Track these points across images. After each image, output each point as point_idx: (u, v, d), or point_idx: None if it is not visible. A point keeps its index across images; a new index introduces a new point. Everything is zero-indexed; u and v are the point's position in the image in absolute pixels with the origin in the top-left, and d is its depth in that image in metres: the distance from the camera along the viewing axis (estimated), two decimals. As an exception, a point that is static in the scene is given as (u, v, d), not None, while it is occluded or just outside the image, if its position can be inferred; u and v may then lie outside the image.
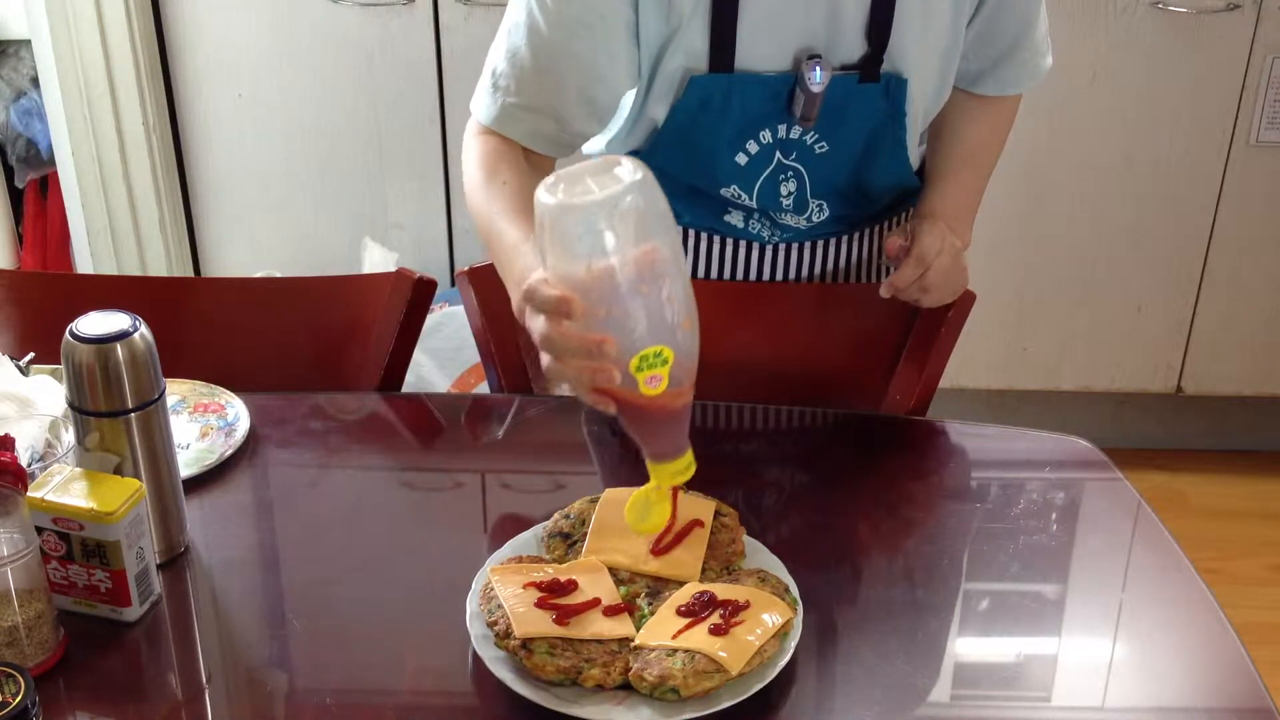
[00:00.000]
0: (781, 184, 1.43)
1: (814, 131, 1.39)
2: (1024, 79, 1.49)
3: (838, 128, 1.39)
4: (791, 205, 1.45)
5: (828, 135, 1.39)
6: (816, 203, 1.45)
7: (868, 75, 1.35)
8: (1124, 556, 1.22)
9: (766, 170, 1.41)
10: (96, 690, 1.05)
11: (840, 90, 1.35)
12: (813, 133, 1.39)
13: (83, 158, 2.62)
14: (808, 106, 1.34)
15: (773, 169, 1.41)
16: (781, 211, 1.46)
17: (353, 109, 2.58)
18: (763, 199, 1.44)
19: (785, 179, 1.42)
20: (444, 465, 1.38)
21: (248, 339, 1.55)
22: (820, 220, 1.47)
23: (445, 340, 2.45)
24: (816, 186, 1.44)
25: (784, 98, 1.35)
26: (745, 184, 1.43)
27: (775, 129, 1.38)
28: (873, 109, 1.38)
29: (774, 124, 1.38)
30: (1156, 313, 2.65)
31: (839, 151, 1.41)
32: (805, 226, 1.48)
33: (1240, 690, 1.05)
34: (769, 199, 1.44)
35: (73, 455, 1.13)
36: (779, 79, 1.34)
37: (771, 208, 1.45)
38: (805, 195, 1.44)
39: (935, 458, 1.40)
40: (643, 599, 1.09)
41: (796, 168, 1.42)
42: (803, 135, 1.39)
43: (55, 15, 2.49)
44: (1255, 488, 2.75)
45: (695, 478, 1.20)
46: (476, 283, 1.51)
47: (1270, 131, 2.47)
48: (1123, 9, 2.40)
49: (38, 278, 2.10)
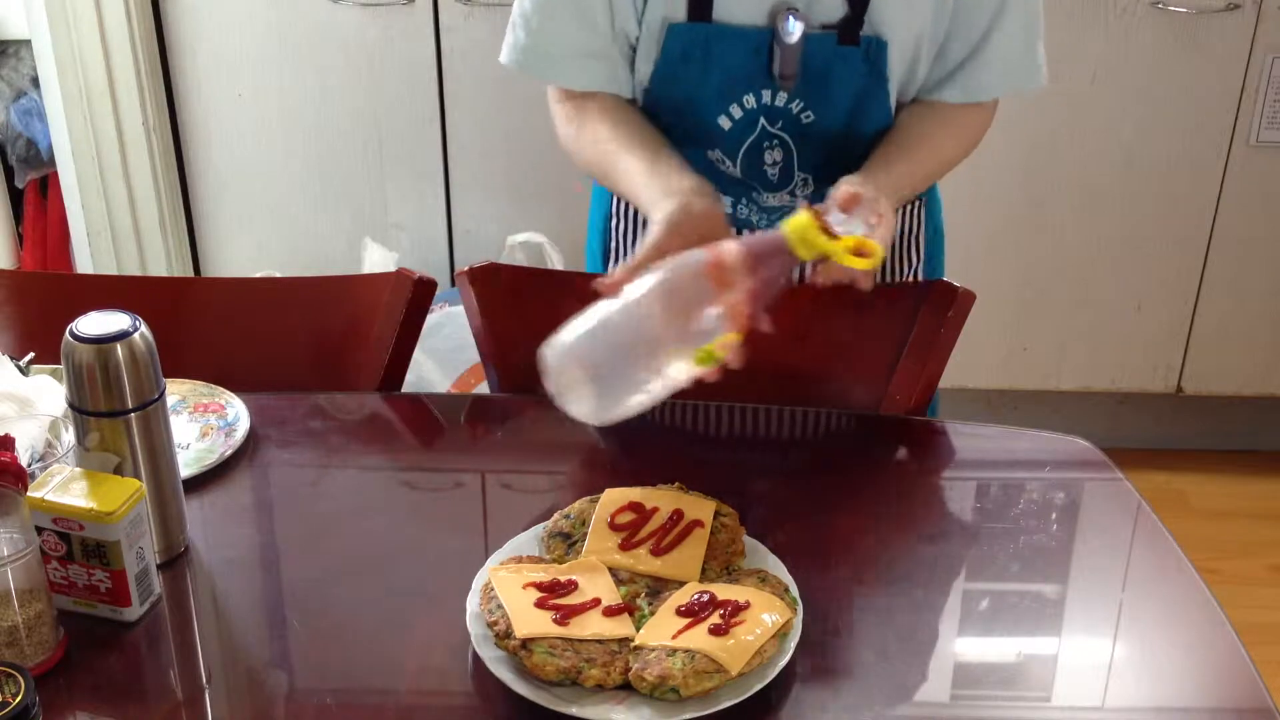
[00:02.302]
0: (766, 152, 1.43)
1: (798, 99, 1.39)
2: (994, 84, 1.42)
3: (821, 93, 1.39)
4: (776, 177, 1.45)
5: (813, 103, 1.40)
6: (802, 175, 1.45)
7: (847, 37, 1.35)
8: (1124, 556, 1.22)
9: (751, 137, 1.42)
10: (96, 690, 1.05)
11: (821, 53, 1.36)
12: (797, 100, 1.39)
13: (83, 158, 2.62)
14: (785, 63, 1.35)
15: (757, 136, 1.42)
16: (766, 188, 1.46)
17: (353, 109, 2.58)
18: (747, 167, 1.44)
19: (770, 147, 1.43)
20: (444, 465, 1.38)
21: (248, 339, 1.55)
22: (805, 195, 1.48)
23: (445, 340, 2.45)
24: (804, 157, 1.44)
25: (764, 56, 1.36)
26: (729, 149, 1.43)
27: (759, 93, 1.39)
28: (854, 73, 1.38)
29: (757, 87, 1.39)
30: (1156, 313, 2.65)
31: (825, 120, 1.41)
32: (791, 205, 1.48)
33: (1240, 690, 1.05)
34: (753, 168, 1.44)
35: (73, 455, 1.13)
36: (757, 33, 1.36)
37: (756, 179, 1.46)
38: (792, 167, 1.44)
39: (935, 458, 1.40)
40: (643, 599, 1.09)
41: (782, 137, 1.42)
42: (788, 103, 1.39)
43: (55, 15, 2.49)
44: (1255, 488, 2.75)
45: (695, 478, 1.21)
46: (476, 283, 1.51)
47: (1270, 131, 2.47)
48: (1123, 9, 2.40)
49: (38, 278, 2.10)
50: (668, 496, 1.17)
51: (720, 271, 1.11)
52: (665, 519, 1.15)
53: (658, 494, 1.18)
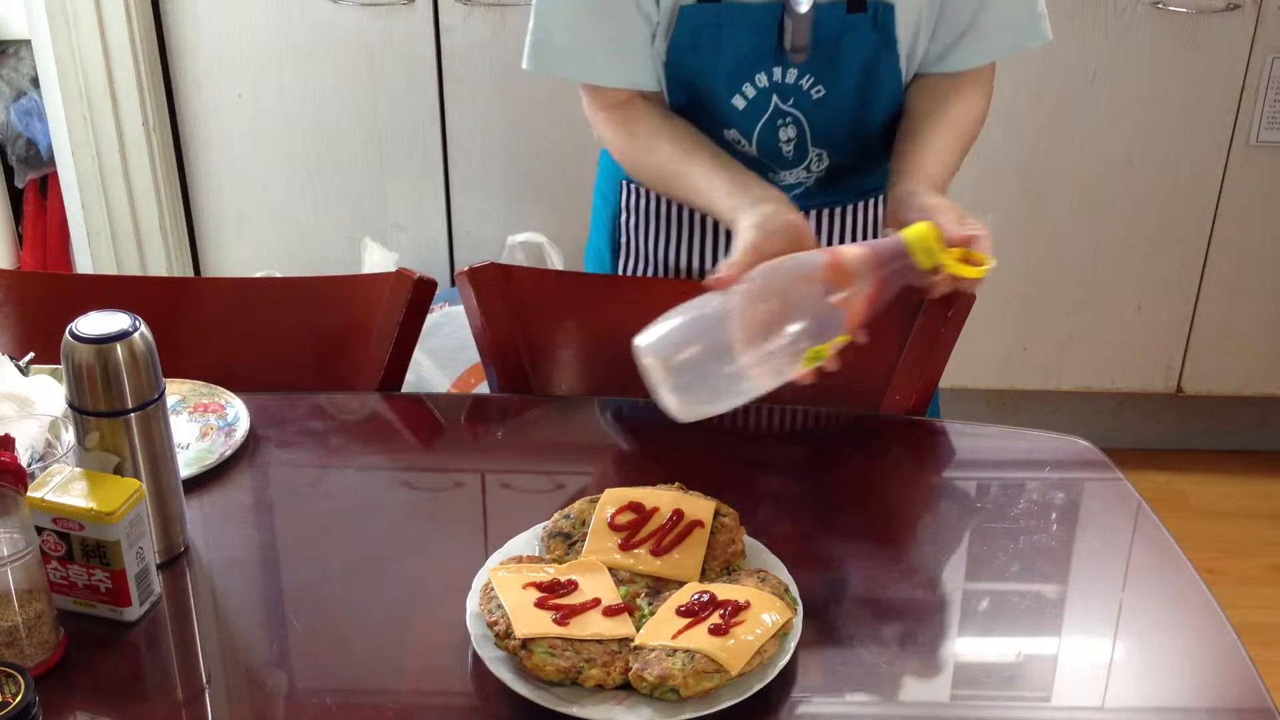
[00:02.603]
0: (780, 129, 1.44)
1: (809, 74, 1.40)
2: (1000, 45, 1.44)
3: (832, 66, 1.40)
4: (792, 153, 1.47)
5: (823, 77, 1.41)
6: (816, 151, 1.47)
7: (855, 4, 1.37)
8: (1124, 556, 1.22)
9: (764, 115, 1.43)
10: (96, 690, 1.05)
11: (829, 22, 1.37)
12: (808, 75, 1.40)
13: (83, 158, 2.62)
14: (797, 35, 1.36)
15: (771, 114, 1.43)
16: (782, 166, 1.47)
17: (353, 109, 2.58)
18: (763, 145, 1.46)
19: (784, 124, 1.44)
20: (444, 465, 1.38)
21: (248, 339, 1.55)
22: (820, 171, 1.49)
23: (445, 340, 2.45)
24: (817, 133, 1.45)
25: (775, 33, 1.37)
26: (745, 128, 1.45)
27: (770, 71, 1.40)
28: (863, 41, 1.39)
29: (769, 65, 1.40)
30: (1156, 313, 2.65)
31: (836, 94, 1.42)
32: (807, 182, 1.50)
33: (1240, 690, 1.05)
34: (769, 146, 1.46)
35: (73, 455, 1.13)
36: (767, 9, 1.37)
37: (772, 157, 1.47)
38: (805, 143, 1.46)
39: (935, 458, 1.40)
40: (643, 599, 1.09)
41: (795, 114, 1.43)
42: (799, 79, 1.40)
43: (55, 15, 2.49)
44: (1255, 488, 2.75)
45: (695, 478, 1.21)
46: (476, 283, 1.51)
47: (1270, 131, 2.47)
48: (1123, 9, 2.40)
49: (38, 278, 2.10)
50: (668, 496, 1.17)
51: (840, 273, 1.12)
52: (665, 519, 1.15)
53: (658, 494, 1.18)
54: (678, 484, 1.19)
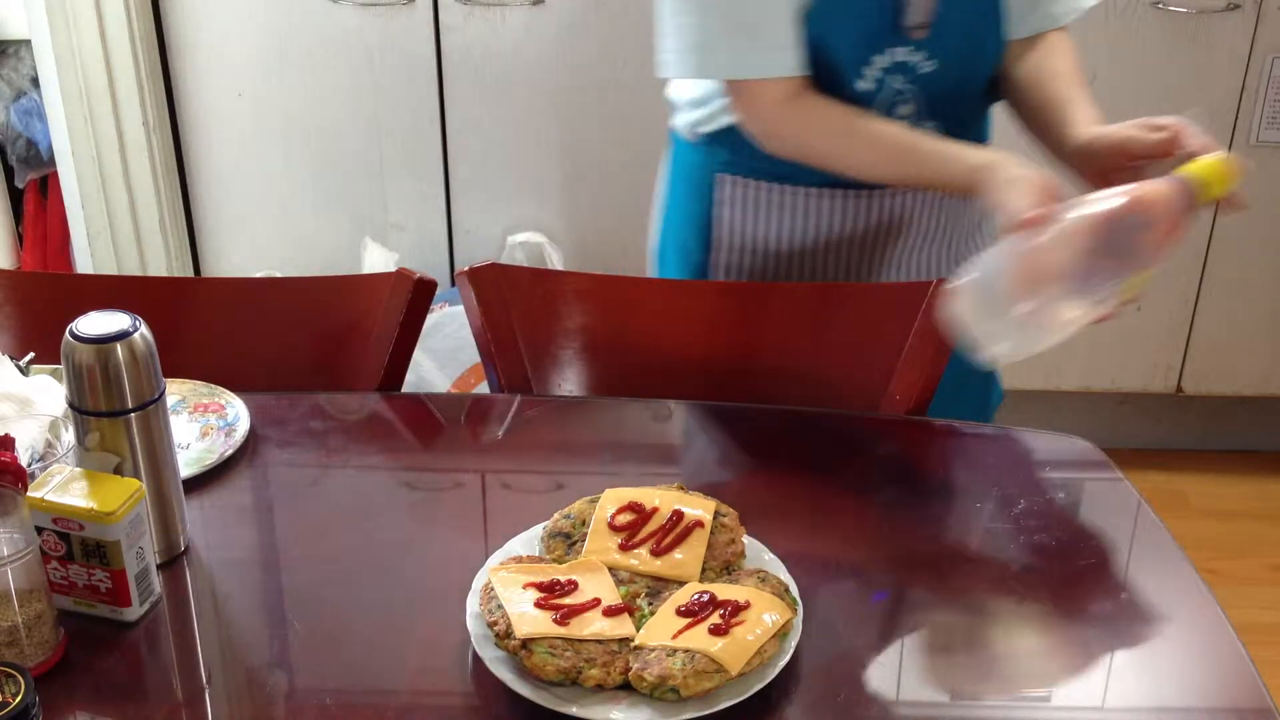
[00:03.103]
0: (899, 107, 1.46)
1: (924, 49, 1.42)
2: (1065, 12, 1.51)
3: (944, 38, 1.43)
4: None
5: (935, 51, 1.43)
6: (930, 125, 1.49)
7: None
8: (1124, 556, 1.22)
9: (886, 95, 1.45)
10: (96, 690, 1.05)
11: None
12: (923, 50, 1.43)
13: (83, 158, 2.62)
14: (917, 10, 1.40)
15: (891, 93, 1.45)
16: None
17: (353, 109, 2.58)
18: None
19: (903, 101, 1.46)
20: (444, 465, 1.38)
21: (248, 339, 1.55)
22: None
23: (445, 340, 2.45)
24: (930, 107, 1.47)
25: (889, 12, 1.40)
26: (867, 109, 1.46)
27: (890, 52, 1.42)
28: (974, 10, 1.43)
29: (885, 45, 1.42)
30: (1156, 313, 2.65)
31: (946, 67, 1.45)
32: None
33: (1240, 690, 1.05)
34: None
35: (73, 455, 1.13)
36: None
37: None
38: (920, 118, 1.48)
39: (935, 458, 1.40)
40: (643, 599, 1.09)
41: (911, 89, 1.46)
42: (912, 55, 1.43)
43: (55, 15, 2.49)
44: (1255, 488, 2.75)
45: (695, 478, 1.21)
46: (476, 283, 1.51)
47: (1270, 131, 2.47)
48: (1123, 9, 2.40)
49: (38, 278, 2.10)
50: (668, 496, 1.17)
51: (1145, 208, 1.17)
52: (665, 519, 1.15)
53: (658, 494, 1.18)
54: (678, 484, 1.19)
